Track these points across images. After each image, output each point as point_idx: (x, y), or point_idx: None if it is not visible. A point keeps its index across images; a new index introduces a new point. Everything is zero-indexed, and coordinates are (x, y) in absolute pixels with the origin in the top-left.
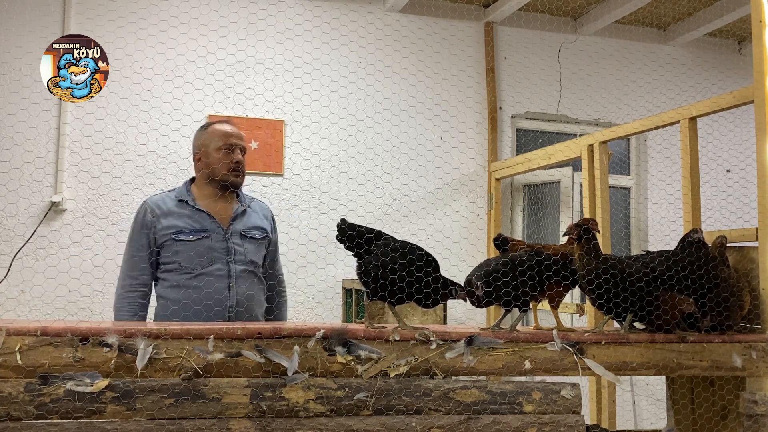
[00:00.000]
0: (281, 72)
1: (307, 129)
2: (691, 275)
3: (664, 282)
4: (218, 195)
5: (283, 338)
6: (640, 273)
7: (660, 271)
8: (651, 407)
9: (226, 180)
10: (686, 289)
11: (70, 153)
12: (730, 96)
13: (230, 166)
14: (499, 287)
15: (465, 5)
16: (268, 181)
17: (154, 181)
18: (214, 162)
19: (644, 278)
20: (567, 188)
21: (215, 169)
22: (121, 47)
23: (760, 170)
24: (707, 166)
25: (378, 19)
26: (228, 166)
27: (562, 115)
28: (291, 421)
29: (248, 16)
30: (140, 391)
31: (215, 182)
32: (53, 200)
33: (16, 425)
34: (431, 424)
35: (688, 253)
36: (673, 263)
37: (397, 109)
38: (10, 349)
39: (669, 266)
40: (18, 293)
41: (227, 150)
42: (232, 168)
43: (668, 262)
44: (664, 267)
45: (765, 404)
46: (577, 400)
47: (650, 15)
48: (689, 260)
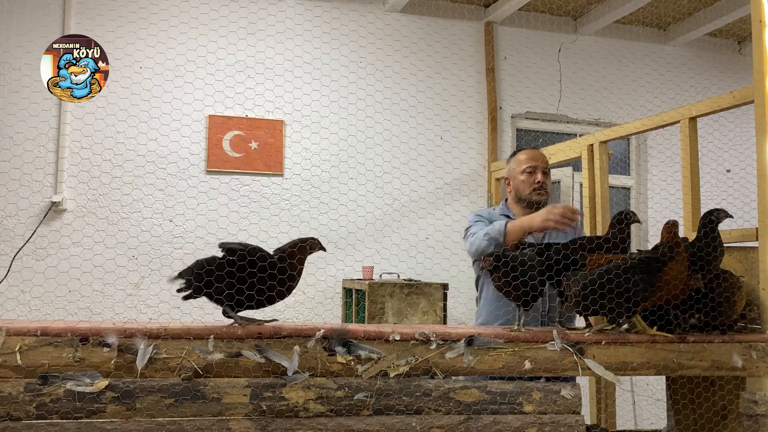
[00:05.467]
0: (281, 72)
1: (307, 129)
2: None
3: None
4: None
5: (283, 338)
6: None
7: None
8: (651, 407)
9: (530, 198)
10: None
11: (70, 153)
12: (730, 96)
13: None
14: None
15: (465, 5)
16: (268, 181)
17: (154, 181)
18: (519, 184)
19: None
20: (567, 188)
21: (519, 189)
22: (121, 47)
23: (760, 170)
24: (707, 166)
25: (378, 19)
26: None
27: (562, 115)
28: (291, 421)
29: (248, 16)
30: (140, 391)
31: (522, 201)
32: (53, 200)
33: (16, 425)
34: (431, 424)
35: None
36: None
37: (397, 109)
38: (10, 349)
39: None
40: (18, 293)
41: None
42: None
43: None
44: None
45: (765, 404)
46: (577, 400)
47: (650, 15)
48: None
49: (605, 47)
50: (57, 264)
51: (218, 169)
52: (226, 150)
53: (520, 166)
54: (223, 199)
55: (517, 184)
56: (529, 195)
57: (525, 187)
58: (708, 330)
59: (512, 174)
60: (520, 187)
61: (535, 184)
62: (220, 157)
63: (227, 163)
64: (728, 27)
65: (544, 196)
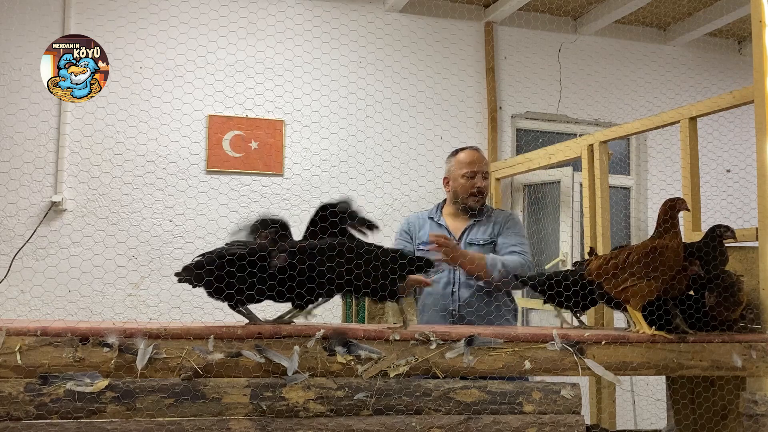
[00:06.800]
0: (281, 72)
1: (307, 129)
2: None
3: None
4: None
5: (283, 338)
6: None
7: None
8: (651, 407)
9: (465, 203)
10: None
11: (70, 153)
12: (730, 96)
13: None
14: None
15: (465, 5)
16: (268, 181)
17: (154, 181)
18: (458, 187)
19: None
20: (567, 188)
21: (457, 192)
22: (121, 47)
23: (760, 170)
24: (707, 166)
25: (378, 19)
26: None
27: (562, 115)
28: (291, 421)
29: (248, 16)
30: (140, 391)
31: (457, 204)
32: (53, 200)
33: (16, 425)
34: (431, 424)
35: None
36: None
37: (397, 109)
38: (10, 349)
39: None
40: (18, 293)
41: (469, 177)
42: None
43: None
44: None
45: (765, 404)
46: (577, 400)
47: (650, 15)
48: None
49: (605, 47)
50: (57, 264)
51: (218, 169)
52: (226, 150)
53: (460, 169)
54: (223, 199)
55: (456, 187)
56: (465, 200)
57: (463, 191)
58: (708, 330)
59: (452, 175)
60: (459, 191)
61: (473, 189)
62: (220, 157)
63: (227, 163)
64: (728, 27)
65: (481, 203)
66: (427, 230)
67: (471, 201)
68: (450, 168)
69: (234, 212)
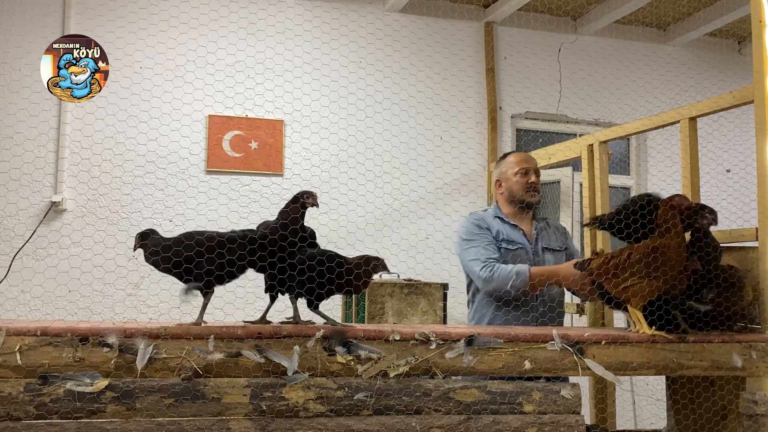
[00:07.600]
0: (281, 72)
1: (307, 129)
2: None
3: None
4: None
5: (283, 338)
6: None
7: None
8: (651, 407)
9: (523, 200)
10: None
11: (70, 153)
12: (730, 96)
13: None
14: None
15: (465, 5)
16: (268, 181)
17: (154, 181)
18: (513, 185)
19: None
20: (567, 188)
21: (513, 190)
22: (121, 47)
23: (760, 170)
24: (707, 166)
25: (378, 19)
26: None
27: (562, 115)
28: (291, 421)
29: (248, 16)
30: (140, 391)
31: (514, 203)
32: (53, 200)
33: (16, 425)
34: (431, 424)
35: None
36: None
37: (397, 109)
38: (10, 349)
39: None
40: (18, 293)
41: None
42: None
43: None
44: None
45: (765, 404)
46: (577, 400)
47: (650, 15)
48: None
49: (605, 47)
50: (57, 264)
51: (218, 169)
52: (226, 150)
53: (513, 168)
54: (223, 199)
55: (511, 185)
56: (523, 196)
57: (519, 188)
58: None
59: (504, 176)
60: (514, 188)
61: (528, 185)
62: (220, 157)
63: (227, 163)
64: (728, 27)
65: (537, 199)
66: (500, 229)
67: (528, 196)
68: (502, 170)
69: (234, 212)
